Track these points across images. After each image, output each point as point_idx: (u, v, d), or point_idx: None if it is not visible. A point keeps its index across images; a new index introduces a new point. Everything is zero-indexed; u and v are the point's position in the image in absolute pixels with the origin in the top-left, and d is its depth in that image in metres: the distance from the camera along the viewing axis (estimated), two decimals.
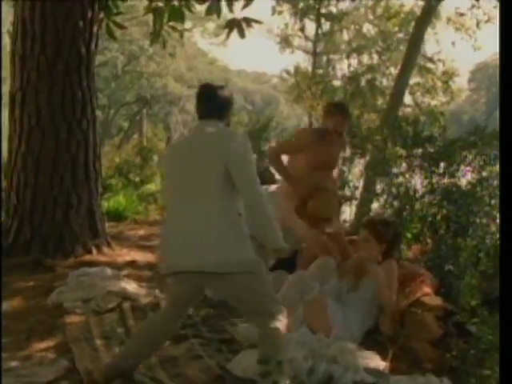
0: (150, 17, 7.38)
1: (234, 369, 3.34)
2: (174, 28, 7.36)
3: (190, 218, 2.95)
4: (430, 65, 17.76)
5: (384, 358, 3.50)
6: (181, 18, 6.74)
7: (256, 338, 3.14)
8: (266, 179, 6.21)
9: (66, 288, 4.79)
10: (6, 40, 19.98)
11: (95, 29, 6.23)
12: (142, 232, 7.78)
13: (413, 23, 14.66)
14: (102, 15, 6.53)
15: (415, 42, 9.89)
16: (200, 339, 3.82)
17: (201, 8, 7.23)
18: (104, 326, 4.15)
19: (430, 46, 22.10)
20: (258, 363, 2.97)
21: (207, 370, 3.39)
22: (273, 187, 5.50)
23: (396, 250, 4.36)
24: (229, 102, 3.20)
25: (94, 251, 6.06)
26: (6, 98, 6.52)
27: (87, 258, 5.89)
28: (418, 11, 12.99)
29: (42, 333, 4.06)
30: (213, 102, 3.15)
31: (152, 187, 11.04)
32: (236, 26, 6.64)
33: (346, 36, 22.18)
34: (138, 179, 11.61)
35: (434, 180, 5.31)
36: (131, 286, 4.93)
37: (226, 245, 2.89)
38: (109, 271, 5.20)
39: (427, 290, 4.11)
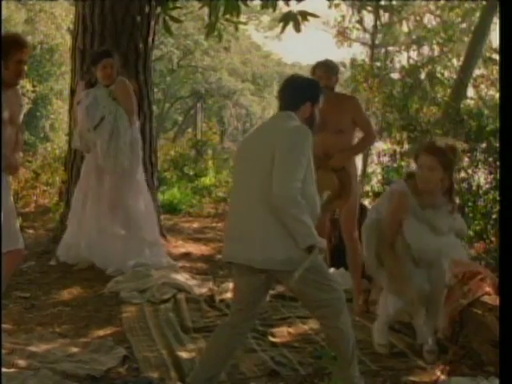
0: (205, 11, 7.37)
1: None
2: (229, 21, 7.32)
3: (244, 211, 2.87)
4: (496, 56, 17.17)
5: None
6: (236, 11, 6.71)
7: None
8: None
9: (123, 278, 4.86)
10: (67, 37, 20.46)
11: (152, 23, 6.28)
12: (195, 225, 7.83)
13: (477, 13, 14.23)
14: (158, 10, 6.58)
15: (480, 32, 9.57)
16: (253, 333, 3.80)
17: (256, 1, 7.19)
18: (159, 316, 4.20)
19: (496, 36, 21.34)
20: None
21: (261, 365, 3.39)
22: None
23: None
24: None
25: None
26: (66, 93, 6.64)
27: None
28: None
29: (99, 321, 4.15)
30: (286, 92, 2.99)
31: (206, 181, 11.08)
32: (291, 19, 6.54)
33: (405, 27, 21.71)
34: (192, 172, 11.68)
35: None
36: (186, 278, 4.96)
37: (273, 241, 2.76)
38: (164, 263, 5.26)
39: (487, 289, 3.97)
